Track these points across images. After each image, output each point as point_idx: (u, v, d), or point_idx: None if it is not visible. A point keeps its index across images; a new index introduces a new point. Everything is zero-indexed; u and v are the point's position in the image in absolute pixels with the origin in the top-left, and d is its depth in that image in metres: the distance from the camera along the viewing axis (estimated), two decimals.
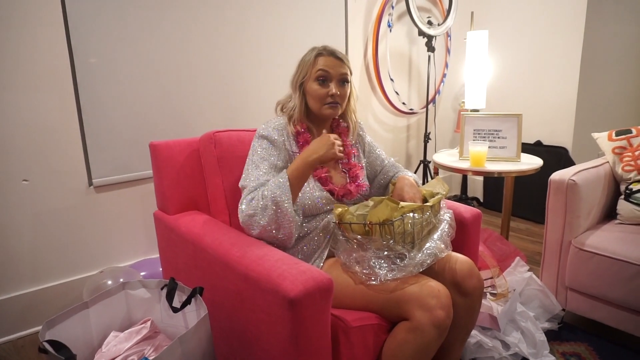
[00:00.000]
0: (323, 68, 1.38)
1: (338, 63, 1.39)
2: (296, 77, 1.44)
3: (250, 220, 1.26)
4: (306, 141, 1.41)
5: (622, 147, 1.93)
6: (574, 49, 2.92)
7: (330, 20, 2.71)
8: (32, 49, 1.79)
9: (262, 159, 1.34)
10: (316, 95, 1.40)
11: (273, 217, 1.23)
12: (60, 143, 1.91)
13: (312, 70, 1.40)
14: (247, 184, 1.30)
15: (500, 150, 2.29)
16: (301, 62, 1.44)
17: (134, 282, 1.33)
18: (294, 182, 1.25)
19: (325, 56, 1.39)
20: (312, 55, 1.41)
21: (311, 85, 1.40)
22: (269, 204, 1.22)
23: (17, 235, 1.86)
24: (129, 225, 2.15)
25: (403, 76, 3.26)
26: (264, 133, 1.38)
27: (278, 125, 1.40)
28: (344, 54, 1.44)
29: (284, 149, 1.38)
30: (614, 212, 1.95)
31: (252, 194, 1.27)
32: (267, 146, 1.36)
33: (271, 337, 1.10)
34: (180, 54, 2.14)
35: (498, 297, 1.74)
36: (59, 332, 1.13)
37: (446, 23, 3.08)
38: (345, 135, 1.52)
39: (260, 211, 1.23)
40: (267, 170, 1.32)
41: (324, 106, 1.40)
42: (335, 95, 1.39)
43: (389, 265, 1.20)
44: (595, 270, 1.70)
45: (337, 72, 1.39)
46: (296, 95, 1.43)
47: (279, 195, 1.22)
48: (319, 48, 1.42)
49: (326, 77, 1.39)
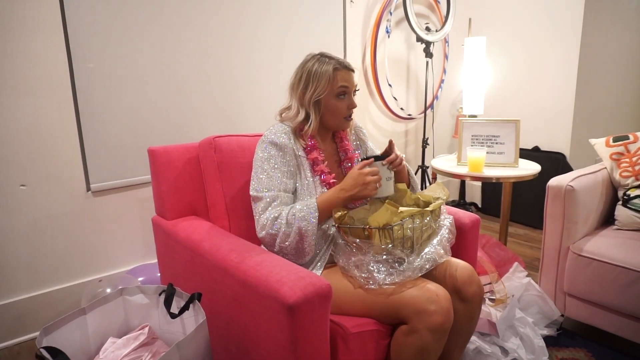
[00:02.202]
0: (344, 85, 1.36)
1: (352, 76, 1.39)
2: (310, 93, 1.35)
3: (270, 238, 1.26)
4: (313, 147, 1.40)
5: (619, 153, 1.94)
6: (571, 55, 2.94)
7: (329, 25, 2.72)
8: (31, 53, 1.79)
9: (273, 167, 1.32)
10: (337, 110, 1.38)
11: (294, 245, 1.24)
12: (58, 148, 1.91)
13: (332, 86, 1.35)
14: (262, 195, 1.29)
15: (498, 155, 2.29)
16: (313, 76, 1.35)
17: (132, 287, 1.32)
18: (322, 216, 1.26)
19: (341, 70, 1.36)
20: (329, 68, 1.34)
21: (332, 101, 1.36)
22: (293, 233, 1.22)
23: (15, 240, 1.85)
24: (127, 231, 2.14)
25: (401, 82, 3.27)
26: (272, 139, 1.35)
27: (284, 130, 1.38)
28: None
29: (293, 154, 1.37)
30: (611, 218, 1.95)
31: (274, 211, 1.26)
32: (277, 153, 1.34)
33: (270, 343, 1.10)
34: (178, 59, 2.14)
35: (497, 303, 1.73)
36: (56, 339, 1.13)
37: (444, 29, 3.09)
38: (346, 138, 1.52)
39: (284, 236, 1.24)
40: (281, 179, 1.31)
41: (343, 120, 1.40)
42: (354, 106, 1.40)
43: (388, 269, 1.20)
44: (593, 276, 1.70)
45: (353, 84, 1.40)
46: (311, 112, 1.37)
47: (305, 229, 1.22)
48: (333, 62, 1.36)
49: (346, 92, 1.38)
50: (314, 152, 1.39)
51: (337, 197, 1.27)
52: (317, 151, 1.40)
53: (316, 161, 1.39)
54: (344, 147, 1.50)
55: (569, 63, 2.96)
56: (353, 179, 1.26)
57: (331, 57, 1.39)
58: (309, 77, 1.36)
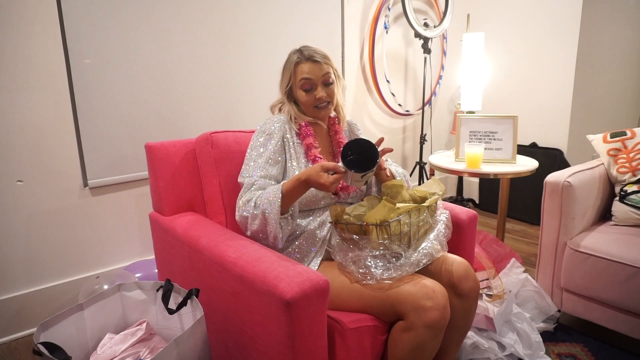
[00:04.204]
0: (305, 77, 1.39)
1: (318, 66, 1.39)
2: (282, 85, 1.47)
3: (243, 221, 1.32)
4: (307, 134, 1.43)
5: (617, 149, 1.94)
6: (569, 51, 2.94)
7: (327, 21, 2.71)
8: (28, 49, 1.78)
9: (258, 154, 1.38)
10: (305, 101, 1.43)
11: (261, 227, 1.27)
12: (56, 144, 1.90)
13: (295, 79, 1.42)
14: (244, 180, 1.35)
15: (496, 152, 2.30)
16: (284, 69, 1.46)
17: (130, 283, 1.32)
18: (286, 200, 1.25)
19: (304, 62, 1.40)
20: (292, 63, 1.42)
21: (298, 92, 1.43)
22: (259, 215, 1.26)
23: (12, 236, 1.85)
24: (125, 227, 2.14)
25: (399, 78, 3.27)
26: (262, 128, 1.42)
27: (278, 119, 1.43)
28: (323, 51, 1.43)
29: (283, 141, 1.40)
30: (608, 213, 1.96)
31: (249, 194, 1.30)
32: (265, 141, 1.39)
33: (267, 339, 1.10)
34: (175, 55, 2.13)
35: (494, 299, 1.74)
36: (53, 334, 1.13)
37: (442, 25, 3.08)
38: (341, 131, 1.53)
39: (251, 219, 1.28)
40: (263, 165, 1.35)
41: (314, 109, 1.44)
42: (322, 98, 1.41)
43: (385, 264, 1.21)
44: (590, 272, 1.70)
45: (319, 75, 1.40)
46: (287, 101, 1.46)
47: (269, 212, 1.24)
48: (297, 54, 1.42)
49: (310, 84, 1.40)
50: (308, 138, 1.43)
51: (299, 180, 1.24)
52: (312, 137, 1.44)
53: (310, 146, 1.43)
54: (337, 139, 1.51)
55: (567, 59, 2.96)
56: (314, 169, 1.23)
57: (303, 49, 1.42)
58: (282, 70, 1.47)
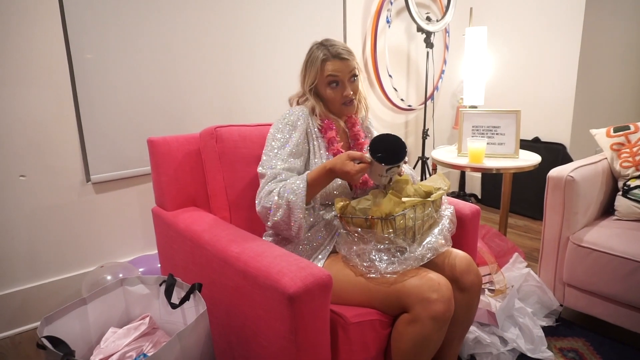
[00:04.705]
0: (332, 74, 1.38)
1: (345, 64, 1.38)
2: (306, 82, 1.43)
3: (264, 212, 1.29)
4: (329, 127, 1.42)
5: (620, 144, 1.94)
6: (572, 45, 2.92)
7: (329, 15, 2.70)
8: (29, 44, 1.78)
9: (282, 145, 1.35)
10: (332, 99, 1.41)
11: (285, 217, 1.25)
12: (58, 139, 1.90)
13: (321, 76, 1.39)
14: (265, 172, 1.32)
15: (498, 146, 2.29)
16: (308, 64, 1.42)
17: (132, 278, 1.32)
18: (311, 189, 1.26)
19: (331, 60, 1.37)
20: (318, 60, 1.38)
21: (324, 90, 1.41)
22: (283, 205, 1.24)
23: (15, 231, 1.86)
24: (127, 222, 2.15)
25: (401, 72, 3.25)
26: (286, 119, 1.39)
27: (301, 110, 1.41)
28: (346, 46, 1.42)
29: (307, 133, 1.39)
30: (611, 208, 1.95)
31: (271, 185, 1.28)
32: (288, 132, 1.37)
33: (270, 334, 1.10)
34: (177, 50, 2.13)
35: (496, 293, 1.74)
36: (57, 328, 1.13)
37: (445, 19, 3.07)
38: (358, 124, 1.52)
39: (274, 209, 1.26)
40: (286, 157, 1.33)
41: (341, 106, 1.42)
42: (349, 95, 1.40)
43: (390, 258, 1.21)
44: (593, 267, 1.70)
45: (346, 72, 1.39)
46: (311, 98, 1.43)
47: (294, 202, 1.23)
48: (323, 50, 1.38)
49: (337, 82, 1.39)
50: (330, 131, 1.42)
51: (324, 169, 1.25)
52: (334, 131, 1.43)
53: (332, 140, 1.42)
54: (354, 132, 1.50)
55: (570, 53, 2.94)
56: (339, 158, 1.24)
57: (328, 44, 1.40)
58: (306, 65, 1.44)
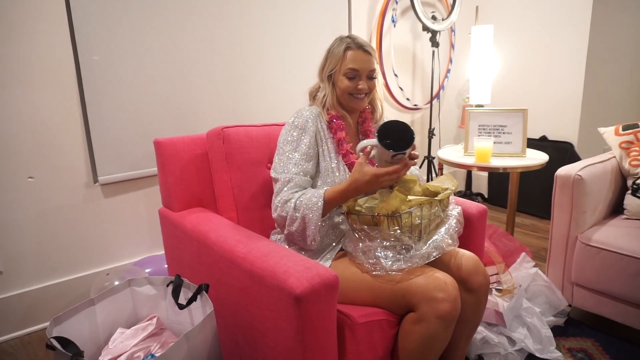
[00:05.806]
0: (352, 66, 1.37)
1: (367, 58, 1.39)
2: (325, 68, 1.43)
3: (281, 220, 1.30)
4: (339, 128, 1.42)
5: (629, 142, 1.92)
6: (579, 43, 2.90)
7: (334, 15, 2.70)
8: (36, 46, 1.79)
9: (293, 149, 1.35)
10: (344, 87, 1.40)
11: (300, 231, 1.26)
12: (66, 140, 1.91)
13: (341, 64, 1.39)
14: (280, 177, 1.32)
15: (505, 145, 2.28)
16: (330, 52, 1.43)
17: (140, 279, 1.33)
18: (328, 206, 1.27)
19: (354, 50, 1.38)
20: (341, 48, 1.39)
21: (341, 79, 1.40)
22: (299, 219, 1.25)
23: (23, 232, 1.87)
24: (134, 222, 2.16)
25: (407, 72, 3.24)
26: (296, 122, 1.39)
27: (311, 113, 1.40)
28: (371, 44, 1.42)
29: (317, 135, 1.39)
30: (620, 207, 1.94)
31: (287, 194, 1.28)
32: (298, 135, 1.37)
33: (277, 334, 1.10)
34: (184, 51, 2.13)
35: (504, 293, 1.73)
36: (65, 329, 1.14)
37: (450, 18, 3.06)
38: (370, 120, 1.52)
39: (291, 220, 1.27)
40: (298, 161, 1.33)
41: (350, 97, 1.41)
42: (363, 89, 1.40)
43: (395, 255, 1.20)
44: (601, 266, 1.69)
45: (366, 68, 1.39)
46: (325, 85, 1.43)
47: (309, 218, 1.24)
48: (348, 40, 1.40)
49: (355, 74, 1.39)
50: (340, 132, 1.41)
51: (344, 190, 1.25)
52: (343, 132, 1.42)
53: (342, 141, 1.41)
54: (365, 128, 1.50)
55: (578, 51, 2.92)
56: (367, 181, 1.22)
57: (353, 37, 1.42)
58: (327, 54, 1.44)
